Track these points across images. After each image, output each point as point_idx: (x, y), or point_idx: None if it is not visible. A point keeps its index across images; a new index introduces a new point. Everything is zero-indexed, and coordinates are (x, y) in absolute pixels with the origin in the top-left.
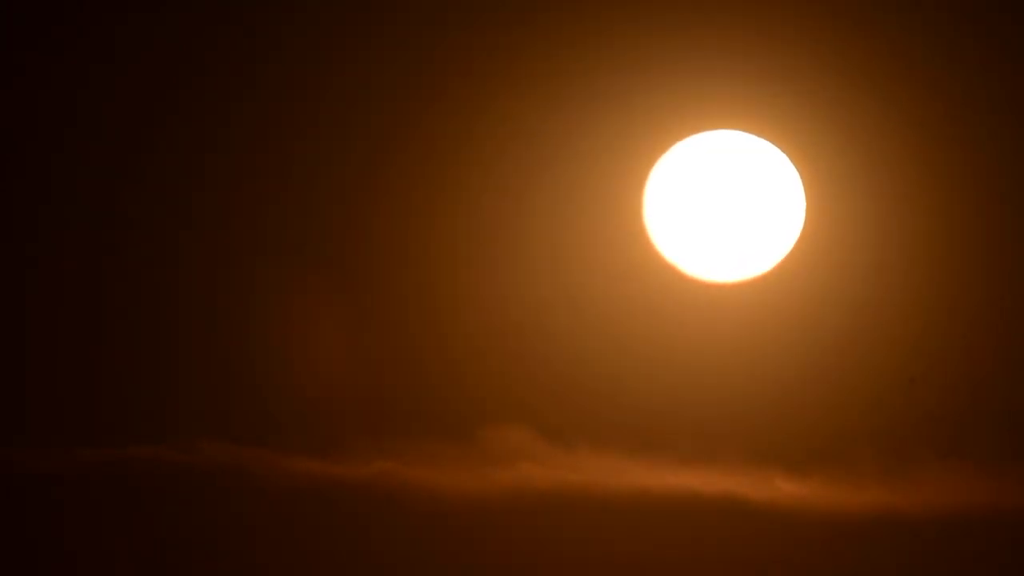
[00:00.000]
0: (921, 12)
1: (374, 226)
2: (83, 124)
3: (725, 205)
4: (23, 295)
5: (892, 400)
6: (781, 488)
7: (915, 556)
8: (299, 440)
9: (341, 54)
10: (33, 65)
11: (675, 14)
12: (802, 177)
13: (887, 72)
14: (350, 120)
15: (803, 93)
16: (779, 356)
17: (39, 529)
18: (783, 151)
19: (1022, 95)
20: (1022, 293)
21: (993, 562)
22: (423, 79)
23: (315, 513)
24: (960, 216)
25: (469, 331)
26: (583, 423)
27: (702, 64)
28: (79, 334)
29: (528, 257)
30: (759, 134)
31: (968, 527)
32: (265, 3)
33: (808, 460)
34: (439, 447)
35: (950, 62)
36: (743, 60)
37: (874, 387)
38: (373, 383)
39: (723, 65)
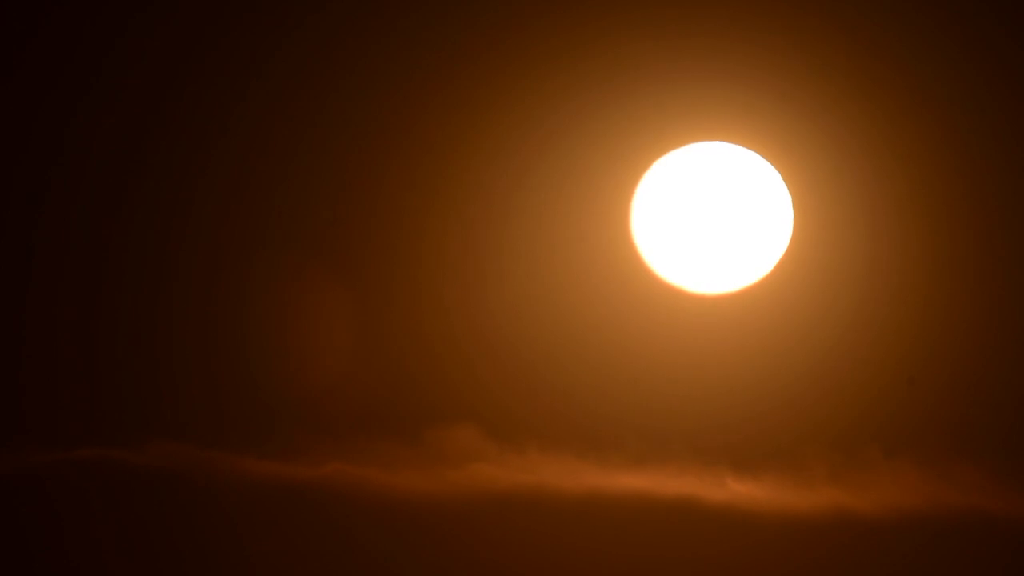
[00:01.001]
0: (909, 21)
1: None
2: (82, 117)
3: (712, 217)
4: None
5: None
6: (733, 489)
7: (870, 556)
8: (252, 441)
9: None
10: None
11: (663, 26)
12: (790, 189)
13: (874, 83)
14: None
15: (789, 104)
16: (753, 362)
17: None
18: (770, 163)
19: (1011, 102)
20: (1010, 301)
21: (947, 560)
22: (412, 87)
23: (269, 514)
24: (949, 226)
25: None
26: (535, 425)
27: (689, 76)
28: (26, 334)
29: (515, 267)
30: (746, 146)
31: (921, 526)
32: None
33: (759, 461)
34: (392, 448)
35: (938, 71)
36: (730, 72)
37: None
38: (327, 384)
39: (710, 77)
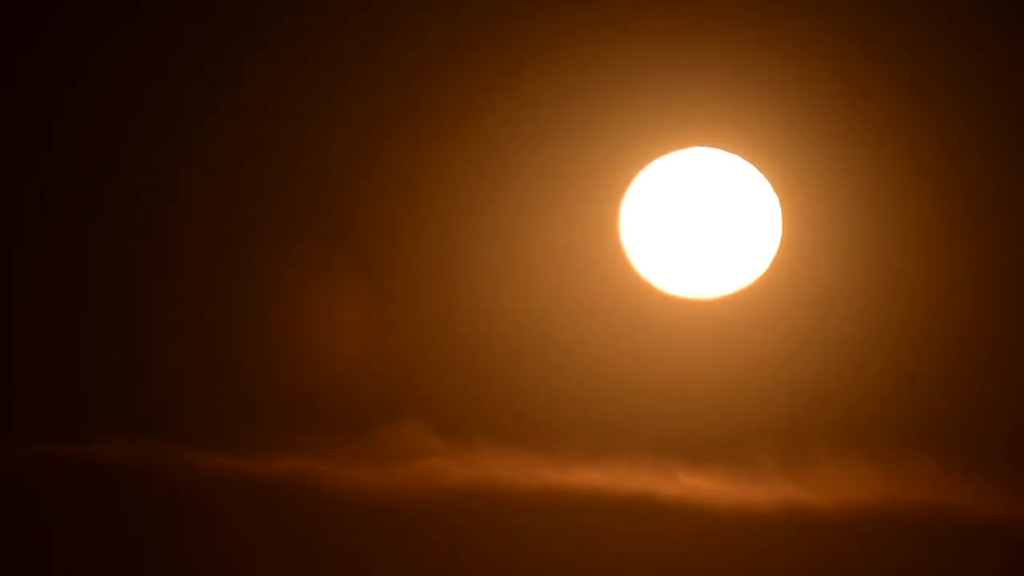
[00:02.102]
0: (899, 27)
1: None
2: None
3: (701, 222)
4: None
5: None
6: (686, 483)
7: (824, 549)
8: (203, 435)
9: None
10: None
11: (651, 33)
12: (778, 193)
13: (863, 89)
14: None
15: (777, 110)
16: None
17: None
18: (759, 168)
19: (1002, 106)
20: (999, 307)
21: (901, 554)
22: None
23: (220, 509)
24: (940, 230)
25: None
26: (487, 421)
27: (678, 82)
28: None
29: (501, 271)
30: (735, 151)
31: (874, 520)
32: None
33: (711, 456)
34: (347, 444)
35: (928, 77)
36: (719, 78)
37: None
38: (280, 378)
39: (699, 83)
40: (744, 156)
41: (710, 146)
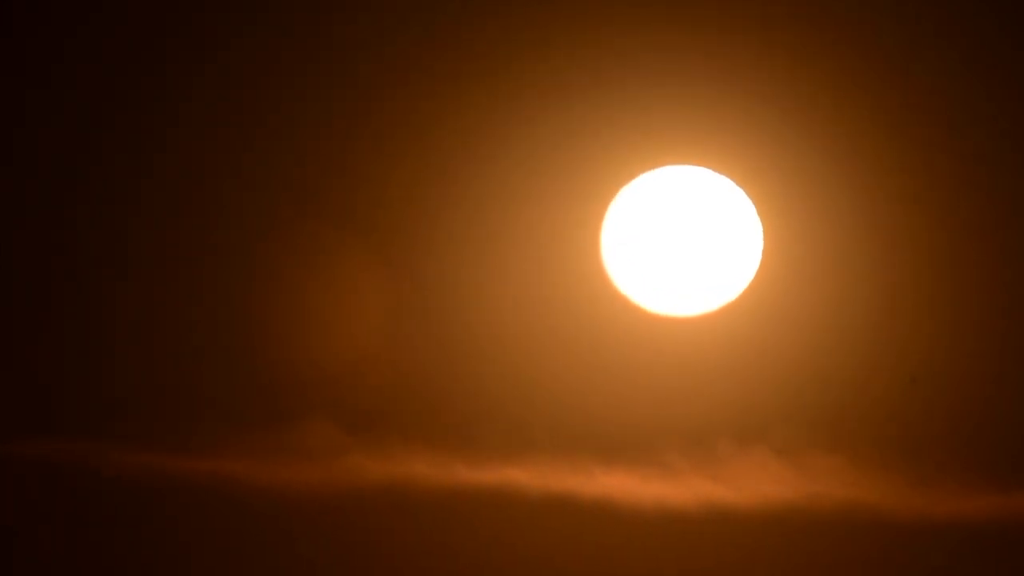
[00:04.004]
0: (882, 46)
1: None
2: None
3: (682, 240)
4: None
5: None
6: (604, 482)
7: (743, 548)
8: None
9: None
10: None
11: (632, 51)
12: (759, 211)
13: (845, 107)
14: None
15: (759, 128)
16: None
17: None
18: (738, 185)
19: (987, 128)
20: (976, 322)
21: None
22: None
23: (136, 508)
24: (922, 248)
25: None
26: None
27: (659, 100)
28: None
29: (483, 291)
30: (716, 169)
31: (788, 516)
32: None
33: (624, 453)
34: (261, 442)
35: (910, 93)
36: (700, 96)
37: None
38: (195, 377)
39: (679, 101)
40: (725, 174)
41: (691, 164)
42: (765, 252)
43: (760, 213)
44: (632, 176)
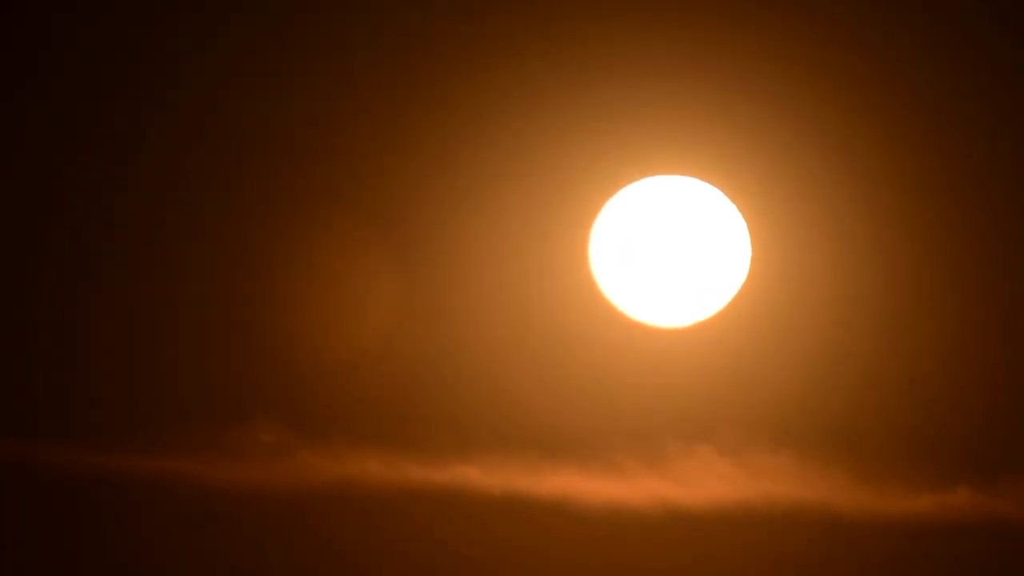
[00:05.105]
0: (870, 57)
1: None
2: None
3: (670, 250)
4: None
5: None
6: (555, 481)
7: (695, 546)
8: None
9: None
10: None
11: (620, 62)
12: (747, 220)
13: (831, 117)
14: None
15: (746, 139)
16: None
17: None
18: (727, 196)
19: (977, 138)
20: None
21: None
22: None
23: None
24: (910, 259)
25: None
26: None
27: (647, 110)
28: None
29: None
30: (703, 179)
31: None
32: None
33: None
34: (204, 440)
35: (899, 102)
36: (687, 106)
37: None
38: (142, 376)
39: (668, 111)
40: (713, 184)
41: (679, 174)
42: (752, 262)
43: (748, 222)
44: (620, 186)
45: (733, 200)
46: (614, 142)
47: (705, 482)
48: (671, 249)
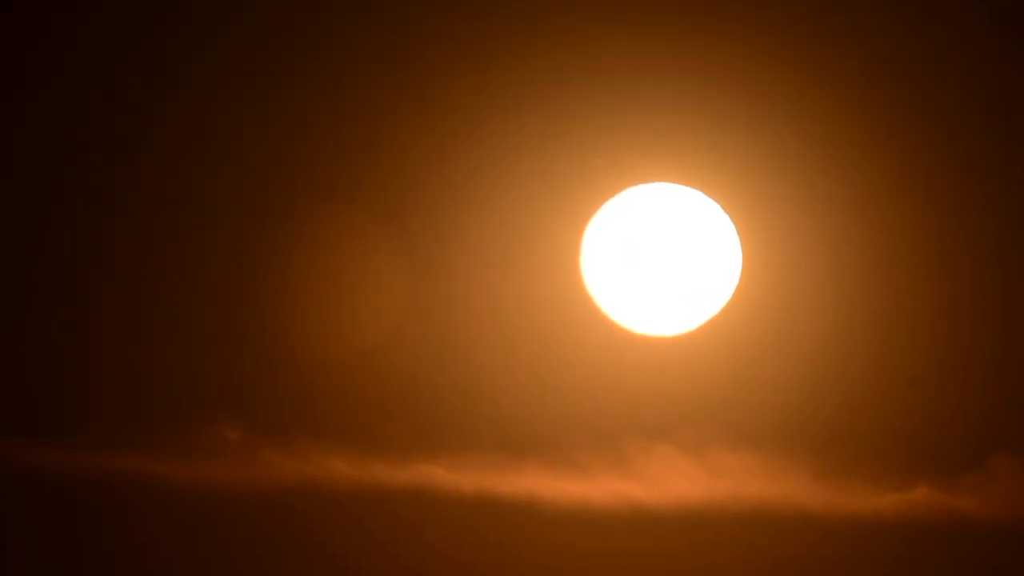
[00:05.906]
0: (862, 63)
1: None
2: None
3: (660, 258)
4: None
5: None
6: (522, 481)
7: (661, 545)
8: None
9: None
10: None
11: (612, 70)
12: (738, 228)
13: (823, 125)
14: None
15: (738, 147)
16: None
17: None
18: (719, 203)
19: (969, 142)
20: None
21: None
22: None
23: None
24: (901, 266)
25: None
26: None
27: (638, 118)
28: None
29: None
30: (695, 187)
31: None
32: None
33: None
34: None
35: (890, 109)
36: (679, 114)
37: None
38: (104, 375)
39: (659, 118)
40: (705, 192)
41: (671, 182)
42: (744, 270)
43: (739, 230)
44: (612, 194)
45: (724, 208)
46: (605, 150)
47: (671, 481)
48: (662, 256)
